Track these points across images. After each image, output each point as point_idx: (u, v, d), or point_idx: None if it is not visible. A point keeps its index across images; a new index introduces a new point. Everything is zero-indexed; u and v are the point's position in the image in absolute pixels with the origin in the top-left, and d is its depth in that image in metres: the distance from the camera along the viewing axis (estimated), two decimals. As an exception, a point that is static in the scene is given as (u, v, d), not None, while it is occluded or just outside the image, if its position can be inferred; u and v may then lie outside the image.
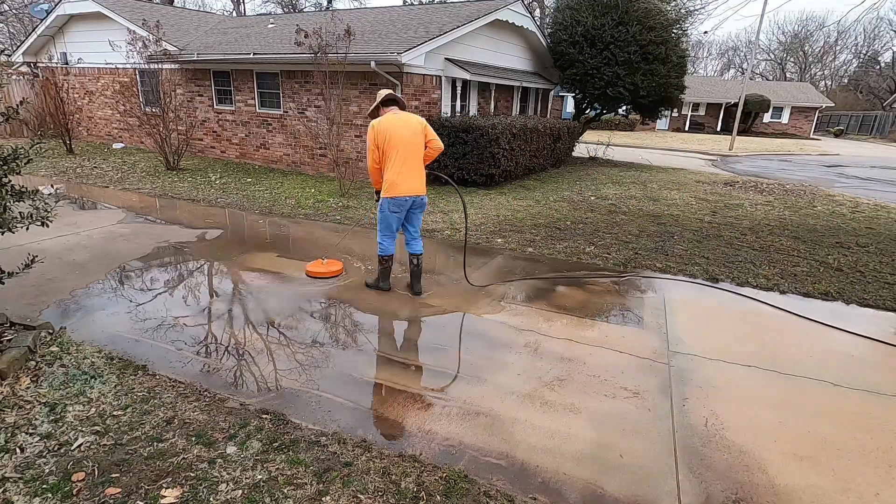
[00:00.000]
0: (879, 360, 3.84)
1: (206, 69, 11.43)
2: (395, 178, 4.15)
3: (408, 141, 4.13)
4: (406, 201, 4.25)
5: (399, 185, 4.17)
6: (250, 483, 2.32)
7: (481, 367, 3.44)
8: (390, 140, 4.09)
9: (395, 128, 4.12)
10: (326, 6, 32.55)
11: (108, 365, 3.22)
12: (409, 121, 4.19)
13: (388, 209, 4.26)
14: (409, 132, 4.15)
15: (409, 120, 4.20)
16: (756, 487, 2.45)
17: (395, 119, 4.16)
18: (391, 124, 4.12)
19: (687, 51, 14.73)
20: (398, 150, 4.11)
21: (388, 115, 4.21)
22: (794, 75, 54.67)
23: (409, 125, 4.17)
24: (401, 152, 4.12)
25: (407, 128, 4.15)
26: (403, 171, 4.15)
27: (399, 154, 4.12)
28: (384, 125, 4.12)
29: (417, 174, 4.25)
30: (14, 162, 3.21)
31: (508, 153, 9.75)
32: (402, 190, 4.18)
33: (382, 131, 4.11)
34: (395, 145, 4.10)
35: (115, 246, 5.64)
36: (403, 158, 4.14)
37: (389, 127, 4.11)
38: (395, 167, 4.13)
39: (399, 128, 4.13)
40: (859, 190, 12.29)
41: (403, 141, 4.11)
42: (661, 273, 5.46)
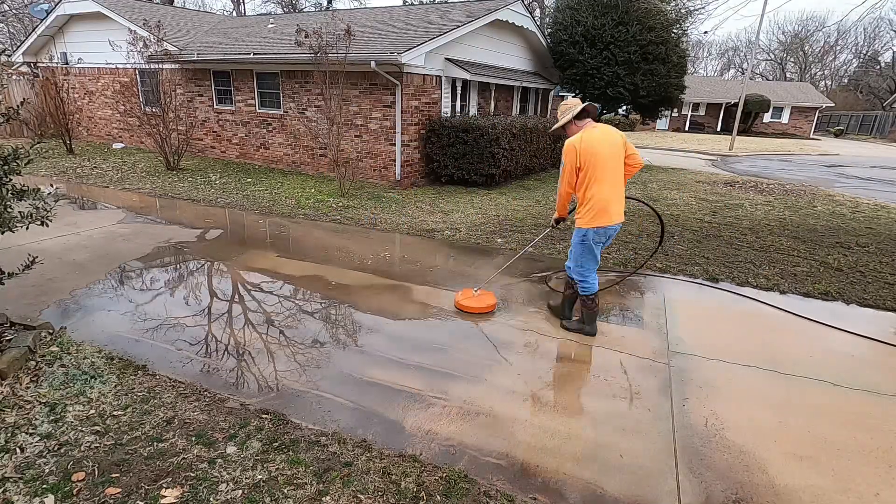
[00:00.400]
0: (879, 360, 3.84)
1: (206, 69, 11.43)
2: (603, 204, 3.56)
3: (613, 160, 3.58)
4: (614, 230, 3.70)
5: (607, 211, 3.58)
6: (250, 483, 2.32)
7: (480, 367, 3.44)
8: (597, 161, 3.50)
9: (599, 145, 3.52)
10: (326, 6, 32.55)
11: (108, 365, 3.22)
12: (610, 135, 3.60)
13: (594, 239, 3.67)
14: (612, 149, 3.57)
15: (610, 134, 3.60)
16: (756, 487, 2.45)
17: (598, 135, 3.56)
18: (596, 141, 3.52)
19: (687, 51, 14.74)
20: (605, 171, 3.53)
21: (587, 130, 3.60)
22: (794, 75, 54.67)
23: (611, 140, 3.58)
24: (608, 174, 3.55)
25: (610, 144, 3.57)
26: (612, 196, 3.59)
27: (607, 176, 3.55)
28: (588, 143, 3.51)
29: (622, 198, 3.69)
30: (14, 162, 3.21)
31: (508, 153, 9.75)
32: (610, 217, 3.60)
33: (587, 151, 3.50)
34: (601, 166, 3.52)
35: (115, 246, 5.64)
36: (611, 181, 3.57)
37: (595, 145, 3.51)
38: (603, 191, 3.55)
39: (603, 145, 3.53)
40: (859, 190, 12.29)
41: (609, 160, 3.55)
42: (661, 273, 5.46)
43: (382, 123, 9.35)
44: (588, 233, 3.66)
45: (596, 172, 3.53)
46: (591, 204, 3.58)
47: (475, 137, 9.08)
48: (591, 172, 3.53)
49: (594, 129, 3.60)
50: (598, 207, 3.58)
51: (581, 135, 3.58)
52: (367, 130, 9.59)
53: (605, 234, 3.69)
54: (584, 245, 3.73)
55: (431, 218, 7.33)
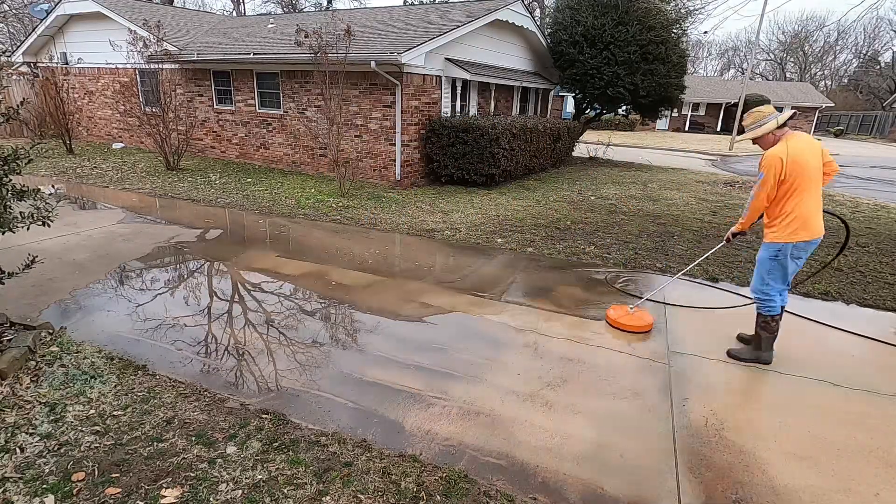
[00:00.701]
0: (879, 360, 3.84)
1: (206, 69, 11.43)
2: (806, 217, 3.36)
3: (816, 171, 3.37)
4: (815, 244, 3.46)
5: (809, 225, 3.37)
6: (250, 483, 2.32)
7: (480, 367, 3.44)
8: (804, 172, 3.30)
9: (806, 156, 3.31)
10: (326, 6, 32.55)
11: (108, 365, 3.22)
12: (812, 144, 3.38)
13: (792, 255, 3.45)
14: (816, 159, 3.36)
15: (812, 143, 3.39)
16: (756, 487, 2.45)
17: (803, 145, 3.34)
18: (803, 152, 3.31)
19: (687, 51, 14.73)
20: (810, 182, 3.34)
21: (792, 139, 3.37)
22: (794, 75, 54.66)
23: (814, 150, 3.37)
24: (812, 185, 3.35)
25: (814, 155, 3.36)
26: (814, 208, 3.39)
27: (811, 187, 3.35)
28: (795, 154, 3.29)
29: (821, 209, 3.48)
30: (14, 162, 3.21)
31: (508, 153, 9.75)
32: (812, 231, 3.39)
33: (794, 162, 3.28)
34: (807, 177, 3.32)
35: (115, 246, 5.64)
36: (814, 192, 3.38)
37: (802, 155, 3.30)
38: (806, 203, 3.35)
39: (809, 155, 3.33)
40: (859, 190, 12.29)
41: (814, 171, 3.36)
42: (661, 273, 5.46)
43: (382, 123, 9.35)
44: (786, 248, 3.43)
45: (802, 184, 3.32)
46: (793, 217, 3.37)
47: (475, 137, 9.08)
48: (796, 184, 3.32)
49: (798, 138, 3.38)
50: (800, 220, 3.36)
51: (786, 145, 3.34)
52: (367, 130, 9.59)
53: (807, 248, 3.45)
54: (776, 261, 3.50)
55: (431, 218, 7.33)
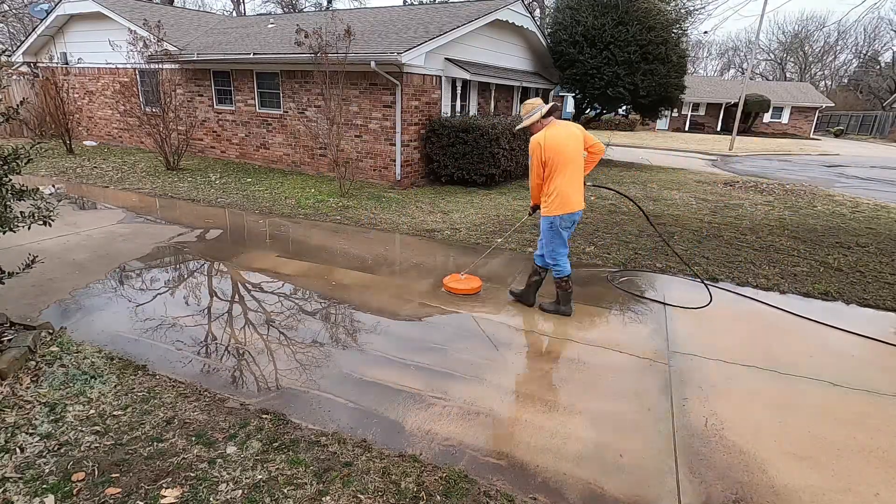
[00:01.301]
0: (879, 360, 3.84)
1: (206, 69, 11.43)
2: (565, 194, 3.94)
3: (574, 155, 3.94)
4: (577, 216, 4.08)
5: (570, 201, 3.97)
6: (250, 483, 2.32)
7: (480, 367, 3.44)
8: (560, 156, 3.86)
9: (563, 141, 3.88)
10: (326, 6, 32.55)
11: (107, 365, 3.22)
12: (570, 131, 3.94)
13: (560, 225, 4.05)
14: (574, 144, 3.93)
15: (571, 130, 3.95)
16: (756, 487, 2.45)
17: (561, 132, 3.91)
18: (560, 137, 3.88)
19: (687, 51, 14.73)
20: (566, 165, 3.90)
21: (550, 127, 3.94)
22: (794, 75, 54.66)
23: (573, 136, 3.93)
24: (569, 167, 3.92)
25: (574, 140, 3.93)
26: (572, 187, 3.96)
27: (568, 169, 3.92)
28: (552, 140, 3.87)
29: (581, 188, 4.07)
30: (14, 162, 3.21)
31: (508, 153, 9.75)
32: (572, 206, 3.99)
33: (551, 147, 3.86)
34: (563, 161, 3.88)
35: (115, 246, 5.64)
36: (571, 174, 3.94)
37: (559, 141, 3.87)
38: (564, 183, 3.93)
39: (567, 140, 3.89)
40: (859, 190, 12.29)
41: (571, 155, 3.91)
42: (661, 273, 5.46)
43: (382, 123, 9.35)
44: (555, 219, 4.04)
45: (558, 166, 3.91)
46: (556, 194, 3.96)
47: (475, 137, 9.08)
48: (554, 166, 3.91)
49: (557, 126, 3.96)
50: (561, 196, 3.96)
51: (545, 132, 3.93)
52: (367, 130, 9.59)
53: (570, 220, 4.07)
54: (552, 231, 4.11)
55: (431, 218, 7.33)
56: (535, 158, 3.97)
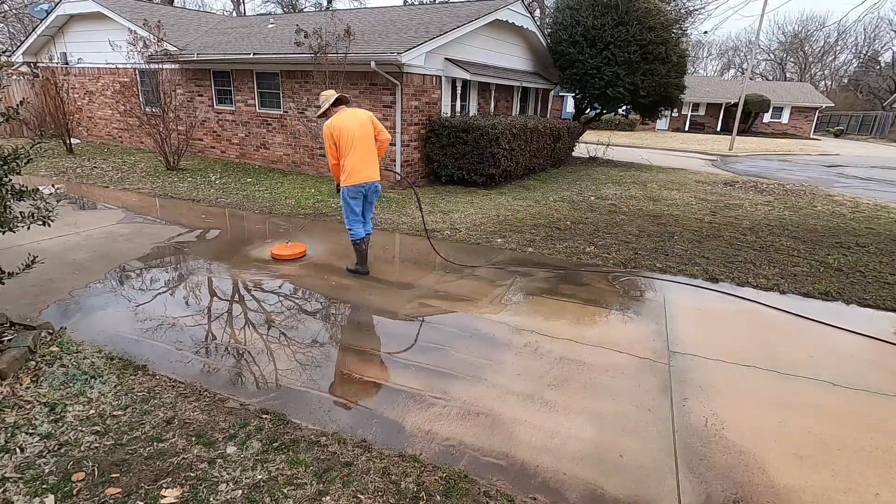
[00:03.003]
0: (879, 360, 3.84)
1: (206, 69, 11.43)
2: (353, 168, 4.64)
3: (361, 134, 4.64)
4: (368, 187, 4.78)
5: (358, 173, 4.66)
6: (250, 483, 2.32)
7: (480, 367, 3.44)
8: (346, 136, 4.59)
9: (348, 124, 4.60)
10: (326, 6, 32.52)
11: (107, 365, 3.22)
12: (356, 116, 4.68)
13: (350, 195, 4.75)
14: (359, 127, 4.64)
15: (357, 115, 4.69)
16: (756, 487, 2.45)
17: (347, 117, 4.64)
18: (345, 122, 4.61)
19: (687, 51, 14.72)
20: (354, 143, 4.60)
21: (339, 114, 4.67)
22: (794, 75, 54.65)
23: (358, 120, 4.66)
24: (356, 145, 4.61)
25: (358, 123, 4.64)
26: (361, 162, 4.66)
27: (356, 147, 4.61)
28: (339, 123, 4.60)
29: (372, 163, 4.75)
30: (14, 162, 3.21)
31: (508, 153, 9.75)
32: (360, 178, 4.69)
33: (338, 129, 4.60)
34: (350, 140, 4.59)
35: (115, 246, 5.64)
36: (360, 150, 4.63)
37: (344, 124, 4.60)
38: (354, 158, 4.62)
39: (351, 124, 4.62)
40: (859, 190, 12.29)
41: (357, 135, 4.62)
42: (661, 273, 5.46)
43: (382, 123, 9.32)
44: (345, 190, 4.74)
45: (347, 145, 4.60)
46: (346, 169, 4.66)
47: (475, 137, 9.08)
48: (344, 145, 4.61)
49: (344, 112, 4.69)
50: (349, 170, 4.65)
51: (333, 118, 4.66)
52: (367, 130, 9.58)
53: (359, 190, 4.74)
54: (345, 200, 4.81)
55: (431, 218, 7.32)
56: (326, 139, 4.68)
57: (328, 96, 4.75)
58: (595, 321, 4.26)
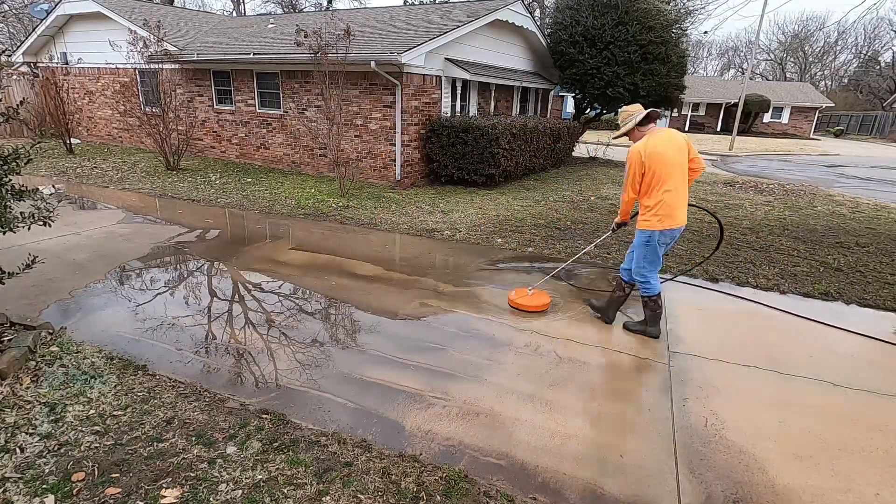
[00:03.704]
0: (879, 360, 3.84)
1: (206, 69, 11.43)
2: (670, 207, 3.62)
3: (679, 164, 3.61)
4: (678, 232, 3.78)
5: (673, 215, 3.65)
6: (250, 483, 2.32)
7: (480, 367, 3.44)
8: (664, 166, 3.56)
9: (666, 150, 3.57)
10: (326, 6, 32.53)
11: (107, 365, 3.22)
12: (675, 139, 3.64)
13: (659, 241, 3.73)
14: (678, 154, 3.60)
15: (675, 138, 3.65)
16: (756, 487, 2.45)
17: (664, 139, 3.61)
18: (662, 146, 3.57)
19: (687, 51, 14.72)
20: (672, 175, 3.59)
21: (652, 135, 3.64)
22: (794, 75, 54.65)
23: (677, 144, 3.63)
24: (675, 178, 3.60)
25: (676, 149, 3.61)
26: (678, 200, 3.64)
27: (674, 180, 3.60)
28: (654, 148, 3.56)
29: (686, 201, 3.74)
30: (14, 162, 3.21)
31: (508, 153, 9.75)
32: (676, 220, 3.67)
33: (652, 156, 3.55)
34: (668, 171, 3.57)
35: (115, 246, 5.64)
36: (677, 185, 3.62)
37: (661, 150, 3.56)
38: (670, 195, 3.60)
39: (670, 149, 3.58)
40: (859, 190, 12.29)
41: (676, 164, 3.59)
42: (660, 273, 5.45)
43: (382, 123, 9.35)
44: (654, 234, 3.72)
45: (663, 177, 3.58)
46: (659, 207, 3.63)
47: (475, 137, 9.08)
48: (658, 177, 3.58)
49: (659, 133, 3.65)
50: (664, 211, 3.63)
51: (646, 140, 3.61)
52: (367, 130, 9.59)
53: (671, 235, 3.75)
54: (648, 246, 3.79)
55: (431, 218, 7.32)
56: (632, 169, 3.64)
57: (632, 112, 3.72)
58: (595, 321, 4.26)
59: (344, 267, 5.27)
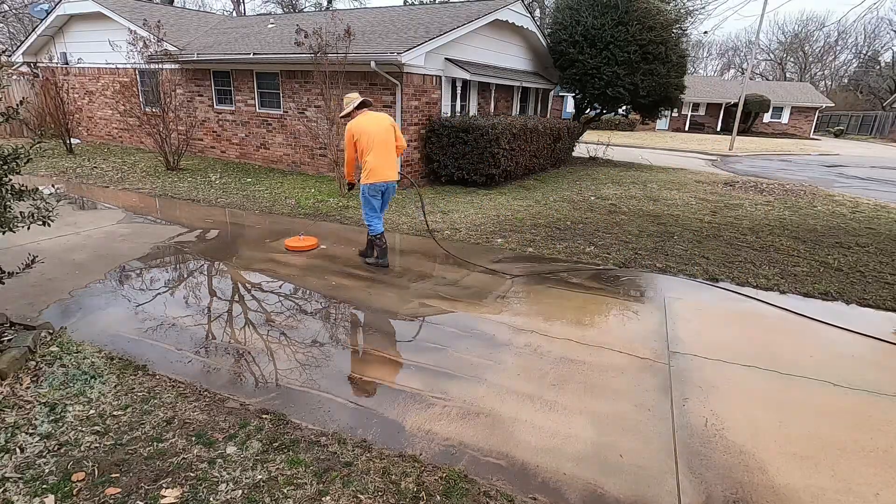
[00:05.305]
0: (879, 360, 3.84)
1: (206, 69, 11.43)
2: (373, 167, 4.92)
3: (380, 136, 4.93)
4: (386, 186, 5.07)
5: (377, 172, 4.94)
6: (250, 483, 2.32)
7: (480, 367, 3.44)
8: (367, 137, 4.89)
9: (369, 126, 4.92)
10: (326, 6, 32.53)
11: (107, 365, 3.22)
12: (378, 119, 5.00)
13: (370, 193, 5.04)
14: (379, 129, 4.95)
15: (379, 119, 5.01)
16: (756, 487, 2.45)
17: (369, 119, 4.96)
18: (366, 124, 4.93)
19: (687, 51, 14.72)
20: (374, 144, 4.90)
21: (361, 116, 5.00)
22: (794, 75, 54.64)
23: (379, 122, 4.98)
24: (376, 146, 4.91)
25: (378, 126, 4.95)
26: (380, 162, 4.94)
27: (375, 147, 4.90)
28: (360, 125, 4.92)
29: (391, 164, 5.05)
30: (14, 161, 3.21)
31: (508, 153, 9.75)
32: (380, 177, 4.97)
33: (359, 131, 4.91)
34: (370, 141, 4.89)
35: (115, 246, 5.64)
36: (378, 151, 4.92)
37: (365, 126, 4.91)
38: (373, 158, 4.91)
39: (372, 126, 4.93)
40: (859, 190, 12.29)
41: (376, 136, 4.91)
42: (661, 273, 5.46)
43: (382, 123, 9.34)
44: (366, 188, 5.01)
45: (367, 145, 4.90)
46: (366, 168, 4.95)
47: (475, 137, 9.08)
48: (365, 146, 4.91)
49: (366, 115, 5.02)
50: (369, 169, 4.93)
51: (357, 119, 4.98)
52: (367, 130, 9.57)
53: (378, 188, 5.03)
54: (364, 197, 5.09)
55: (431, 218, 7.32)
56: (347, 139, 4.99)
57: (352, 99, 5.08)
58: (595, 321, 4.26)
59: (343, 267, 5.27)
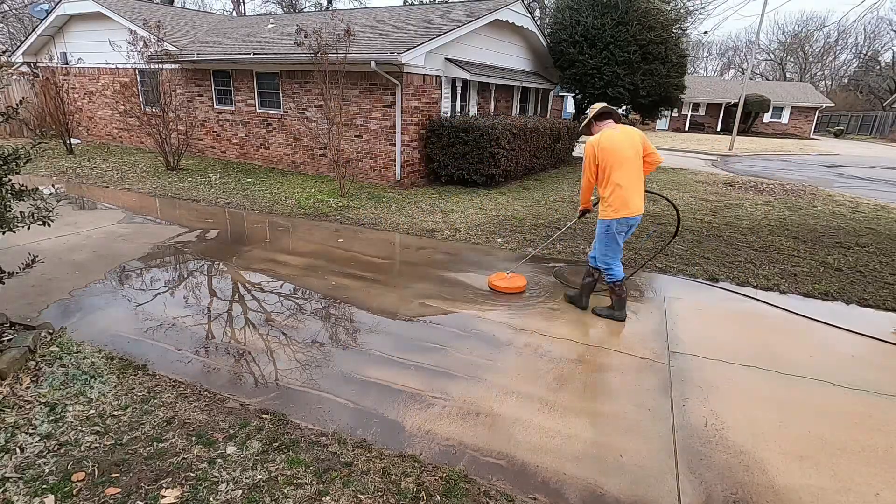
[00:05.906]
0: (879, 360, 3.84)
1: (206, 69, 11.43)
2: (623, 198, 3.92)
3: (631, 158, 3.90)
4: (635, 221, 4.05)
5: (627, 205, 3.94)
6: (250, 483, 2.32)
7: (480, 367, 3.44)
8: (614, 159, 3.86)
9: (618, 144, 3.87)
10: (326, 6, 32.54)
11: (107, 365, 3.22)
12: (629, 135, 3.94)
13: (616, 230, 4.03)
14: (630, 148, 3.91)
15: (629, 134, 3.95)
16: (756, 487, 2.45)
17: (616, 135, 3.91)
18: (614, 140, 3.89)
19: (687, 51, 14.73)
20: (623, 168, 3.87)
21: (606, 130, 3.96)
22: (794, 75, 54.64)
23: (630, 140, 3.92)
24: (626, 170, 3.89)
25: (629, 144, 3.91)
26: (631, 191, 3.93)
27: (625, 172, 3.89)
28: (606, 142, 3.88)
29: (641, 192, 4.02)
30: (14, 161, 3.21)
31: (508, 153, 9.75)
32: (630, 210, 3.96)
33: (604, 150, 3.88)
34: (619, 163, 3.87)
35: (115, 246, 5.64)
36: (629, 177, 3.90)
37: (612, 144, 3.87)
38: (622, 187, 3.90)
39: (621, 144, 3.88)
40: (859, 190, 12.29)
41: (627, 158, 3.88)
42: (661, 273, 5.46)
43: (382, 123, 9.35)
44: (611, 224, 4.03)
45: (614, 169, 3.88)
46: (613, 198, 3.95)
47: (475, 137, 9.08)
48: (610, 169, 3.90)
49: (614, 129, 3.97)
50: (619, 201, 3.94)
51: (599, 135, 3.95)
52: (367, 130, 9.59)
53: (627, 224, 4.04)
54: (608, 235, 4.09)
55: (431, 218, 7.32)
56: (586, 160, 3.99)
57: (593, 108, 4.07)
58: (595, 321, 4.26)
59: (343, 267, 5.27)
